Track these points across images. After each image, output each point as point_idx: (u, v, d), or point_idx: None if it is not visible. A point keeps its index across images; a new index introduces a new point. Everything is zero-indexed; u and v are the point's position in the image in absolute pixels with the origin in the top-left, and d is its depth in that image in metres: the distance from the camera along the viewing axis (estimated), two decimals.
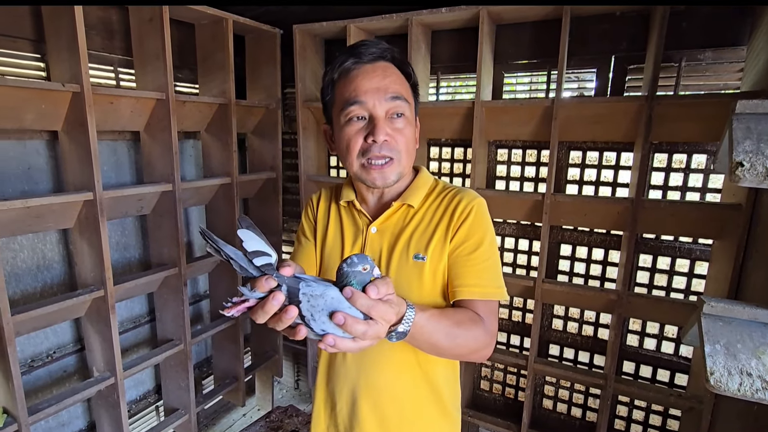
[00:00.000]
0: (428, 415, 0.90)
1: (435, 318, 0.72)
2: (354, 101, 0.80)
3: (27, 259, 1.67)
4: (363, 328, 0.57)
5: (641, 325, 1.86)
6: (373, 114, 0.80)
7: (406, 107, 0.82)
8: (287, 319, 0.55)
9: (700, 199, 1.66)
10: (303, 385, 2.84)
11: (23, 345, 1.69)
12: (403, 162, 0.84)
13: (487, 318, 0.80)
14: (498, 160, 2.01)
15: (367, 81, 0.80)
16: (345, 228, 0.93)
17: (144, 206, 1.86)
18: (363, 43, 0.83)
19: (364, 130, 0.81)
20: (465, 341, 0.76)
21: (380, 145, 0.80)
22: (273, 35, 2.19)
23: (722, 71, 1.58)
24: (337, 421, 0.93)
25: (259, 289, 0.55)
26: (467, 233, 0.83)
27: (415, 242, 0.85)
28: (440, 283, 0.85)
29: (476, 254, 0.83)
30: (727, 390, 0.87)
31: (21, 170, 1.61)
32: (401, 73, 0.85)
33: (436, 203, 0.89)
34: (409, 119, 0.84)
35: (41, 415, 1.49)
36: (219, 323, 2.15)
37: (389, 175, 0.83)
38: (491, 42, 1.82)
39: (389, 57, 0.84)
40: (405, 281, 0.84)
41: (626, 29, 1.66)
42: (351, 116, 0.81)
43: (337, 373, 0.92)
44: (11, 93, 1.35)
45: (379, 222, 0.88)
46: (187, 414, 2.02)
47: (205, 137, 2.15)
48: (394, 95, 0.80)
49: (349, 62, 0.82)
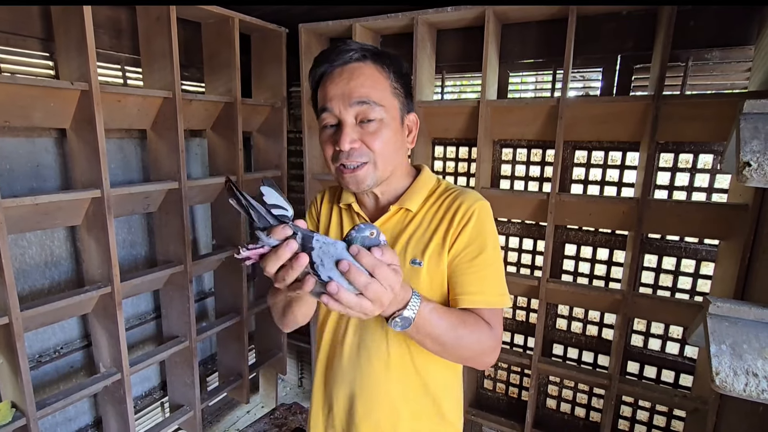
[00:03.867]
0: (425, 422, 0.89)
1: (440, 311, 0.72)
2: (323, 108, 0.80)
3: (35, 256, 1.69)
4: (365, 280, 0.57)
5: (646, 326, 1.85)
6: (340, 119, 0.79)
7: (377, 110, 0.78)
8: (297, 267, 0.57)
9: (707, 199, 1.65)
10: (307, 383, 2.86)
11: (31, 341, 1.71)
12: (380, 166, 0.81)
13: (493, 324, 0.80)
14: (503, 160, 2.01)
15: (334, 86, 0.79)
16: (344, 230, 0.93)
17: (150, 204, 1.87)
18: (336, 45, 0.81)
19: (334, 136, 0.80)
20: (469, 342, 0.75)
21: (347, 153, 0.78)
22: (279, 34, 2.20)
23: (729, 71, 1.57)
24: (335, 423, 0.93)
25: (276, 236, 0.57)
26: (468, 239, 0.81)
27: (412, 247, 0.83)
28: (438, 289, 0.83)
29: (478, 260, 0.81)
30: (733, 390, 0.87)
31: (30, 168, 1.63)
32: (383, 71, 0.81)
33: (436, 206, 0.86)
34: (385, 121, 0.79)
35: (49, 409, 1.50)
36: (224, 321, 2.16)
37: (363, 179, 0.80)
38: (497, 41, 1.82)
39: (361, 57, 0.80)
40: None
41: (633, 28, 1.65)
42: (323, 123, 0.81)
43: (334, 375, 0.91)
44: (21, 91, 1.37)
45: (377, 225, 0.87)
46: (192, 410, 2.04)
47: (210, 136, 2.16)
48: (360, 99, 0.77)
49: (322, 67, 0.81)
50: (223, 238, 2.24)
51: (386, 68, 0.81)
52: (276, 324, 0.94)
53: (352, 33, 1.95)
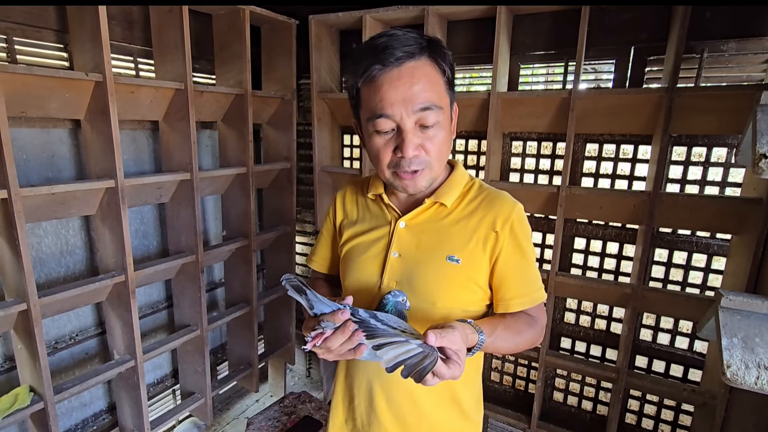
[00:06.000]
0: (446, 416, 0.90)
1: (500, 337, 0.78)
2: (380, 114, 0.75)
3: (51, 245, 1.73)
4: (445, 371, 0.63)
5: (655, 320, 1.85)
6: (401, 126, 0.75)
7: (437, 114, 0.76)
8: (356, 340, 0.68)
9: (720, 193, 1.63)
10: (314, 373, 2.89)
11: (48, 327, 1.75)
12: (434, 168, 0.81)
13: (539, 316, 0.87)
14: (513, 152, 2.00)
15: (393, 91, 0.73)
16: (372, 221, 0.92)
17: (163, 194, 1.90)
18: (387, 44, 0.74)
19: (393, 142, 0.77)
20: (523, 344, 0.84)
21: (409, 160, 0.77)
22: (289, 26, 2.20)
23: (746, 62, 1.55)
24: (355, 414, 0.93)
25: (336, 321, 0.68)
26: (514, 244, 0.83)
27: (449, 243, 0.83)
28: (475, 286, 0.84)
29: (521, 265, 0.84)
30: (744, 383, 0.87)
31: (45, 158, 1.66)
32: (435, 66, 0.77)
33: (473, 205, 0.86)
34: (441, 123, 0.77)
35: (65, 394, 1.54)
36: (234, 311, 2.19)
37: (420, 182, 0.81)
38: (508, 33, 1.81)
39: (418, 51, 0.74)
40: (435, 281, 0.83)
41: (647, 20, 1.63)
42: (378, 128, 0.77)
43: (356, 367, 0.92)
44: (37, 82, 1.39)
45: (409, 218, 0.87)
46: (203, 398, 2.08)
47: (221, 127, 2.18)
48: (423, 106, 0.74)
49: (374, 69, 0.74)
50: (233, 229, 2.26)
51: (441, 62, 0.77)
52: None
53: (363, 24, 1.94)
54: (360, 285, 0.89)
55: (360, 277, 0.89)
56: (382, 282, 0.86)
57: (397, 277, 0.85)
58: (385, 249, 0.87)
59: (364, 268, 0.89)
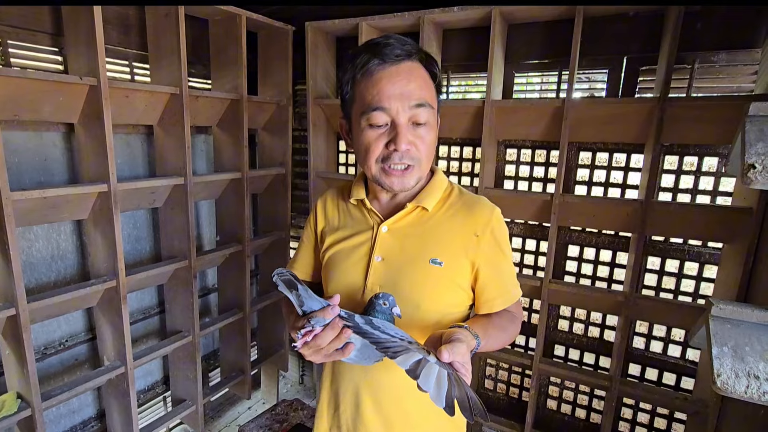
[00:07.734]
0: (433, 417, 0.89)
1: (492, 337, 0.81)
2: (376, 107, 0.77)
3: (42, 249, 1.71)
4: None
5: (648, 328, 1.85)
6: (395, 121, 0.78)
7: (429, 113, 0.80)
8: (344, 337, 0.70)
9: (711, 202, 1.65)
10: (308, 380, 2.87)
11: (37, 332, 1.73)
12: (423, 168, 0.83)
13: (518, 312, 0.93)
14: (507, 160, 2.01)
15: (391, 85, 0.76)
16: (354, 226, 0.92)
17: (156, 199, 1.89)
18: (387, 42, 0.78)
19: (386, 136, 0.79)
20: (508, 340, 0.89)
21: (401, 154, 0.79)
22: (285, 32, 2.21)
23: (736, 73, 1.57)
24: (340, 422, 0.93)
25: (326, 316, 0.70)
26: (494, 246, 0.85)
27: (432, 246, 0.84)
28: (459, 290, 0.85)
29: (501, 267, 0.87)
30: (734, 392, 0.87)
31: (38, 161, 1.64)
32: (427, 72, 0.82)
33: (454, 209, 0.88)
34: (431, 125, 0.81)
35: (54, 401, 1.52)
36: (227, 316, 2.17)
37: (408, 180, 0.82)
38: (503, 41, 1.82)
39: (415, 55, 0.80)
40: (419, 283, 0.83)
41: (639, 30, 1.65)
42: (372, 122, 0.78)
43: (342, 373, 0.92)
44: (30, 85, 1.38)
45: (392, 222, 0.87)
46: (194, 405, 2.05)
47: (216, 132, 2.18)
48: (419, 102, 0.77)
49: (373, 63, 0.77)
50: (227, 234, 2.25)
51: (432, 69, 0.83)
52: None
53: (359, 31, 1.96)
54: (343, 290, 0.89)
55: (343, 282, 0.89)
56: (366, 286, 0.86)
57: (380, 281, 0.85)
58: (368, 254, 0.88)
59: (347, 273, 0.89)
